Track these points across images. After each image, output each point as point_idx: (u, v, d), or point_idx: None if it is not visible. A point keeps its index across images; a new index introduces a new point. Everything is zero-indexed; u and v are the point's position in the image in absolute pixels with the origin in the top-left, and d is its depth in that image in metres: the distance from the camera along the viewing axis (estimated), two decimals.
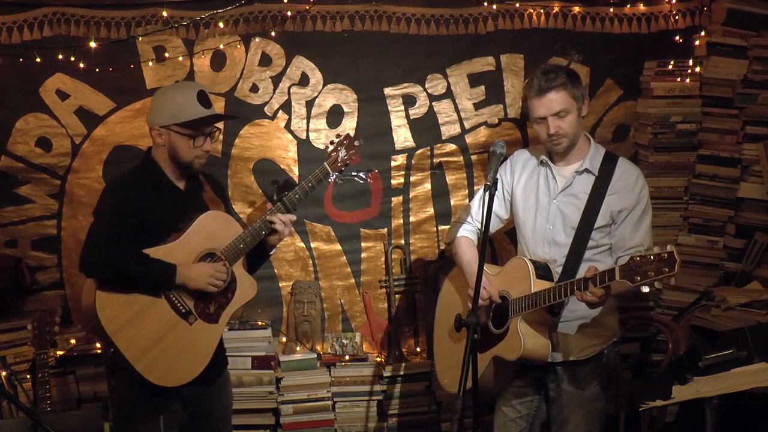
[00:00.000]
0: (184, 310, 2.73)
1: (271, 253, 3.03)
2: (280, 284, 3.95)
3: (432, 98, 3.91)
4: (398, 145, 3.93)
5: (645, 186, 2.86)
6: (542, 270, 2.83)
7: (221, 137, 2.87)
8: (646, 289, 2.42)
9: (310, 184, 2.94)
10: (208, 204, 2.93)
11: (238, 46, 3.73)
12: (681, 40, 3.91)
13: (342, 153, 3.05)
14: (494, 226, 3.09)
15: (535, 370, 2.96)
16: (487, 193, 2.56)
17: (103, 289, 2.62)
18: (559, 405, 2.95)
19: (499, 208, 3.06)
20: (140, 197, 2.71)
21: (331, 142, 3.07)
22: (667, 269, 2.36)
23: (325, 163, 3.01)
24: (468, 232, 3.10)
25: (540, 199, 2.93)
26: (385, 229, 3.99)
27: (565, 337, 2.89)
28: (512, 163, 3.06)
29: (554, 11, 3.85)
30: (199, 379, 2.77)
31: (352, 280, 4.00)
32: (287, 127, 3.84)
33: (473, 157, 3.97)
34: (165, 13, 3.61)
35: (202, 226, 2.78)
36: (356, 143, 3.09)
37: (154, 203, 2.73)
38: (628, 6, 3.89)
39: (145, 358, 2.64)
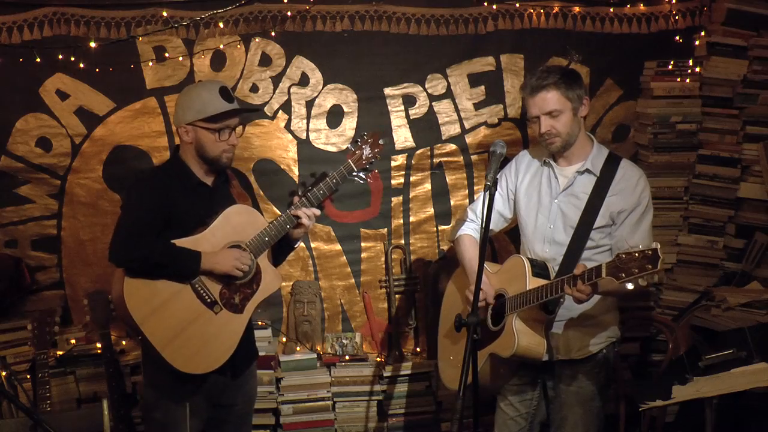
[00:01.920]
0: (209, 300, 2.79)
1: (296, 246, 3.09)
2: None
3: (432, 98, 3.91)
4: (398, 145, 3.93)
5: (647, 187, 2.85)
6: (539, 268, 2.84)
7: (242, 132, 2.96)
8: (630, 286, 2.43)
9: (334, 180, 2.99)
10: (236, 199, 2.98)
11: (238, 46, 3.73)
12: (681, 40, 3.91)
13: (366, 151, 3.08)
14: (498, 225, 3.11)
15: (535, 369, 2.96)
16: (488, 193, 2.56)
17: (131, 278, 2.71)
18: (558, 404, 2.96)
19: (503, 207, 3.08)
20: (166, 192, 2.80)
21: (356, 141, 3.11)
22: (650, 266, 2.37)
23: (350, 160, 3.04)
24: (471, 231, 3.11)
25: (542, 198, 2.94)
26: (385, 229, 3.99)
27: (563, 336, 2.90)
28: (517, 163, 3.07)
29: (554, 11, 3.85)
30: (226, 370, 2.85)
31: (352, 280, 4.00)
32: (287, 127, 3.84)
33: (473, 157, 3.98)
34: (165, 13, 3.61)
35: (227, 219, 2.85)
36: (380, 141, 3.12)
37: (181, 198, 2.81)
38: (628, 6, 3.89)
39: (171, 345, 2.73)
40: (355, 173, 3.06)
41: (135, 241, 2.71)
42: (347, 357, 3.91)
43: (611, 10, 3.88)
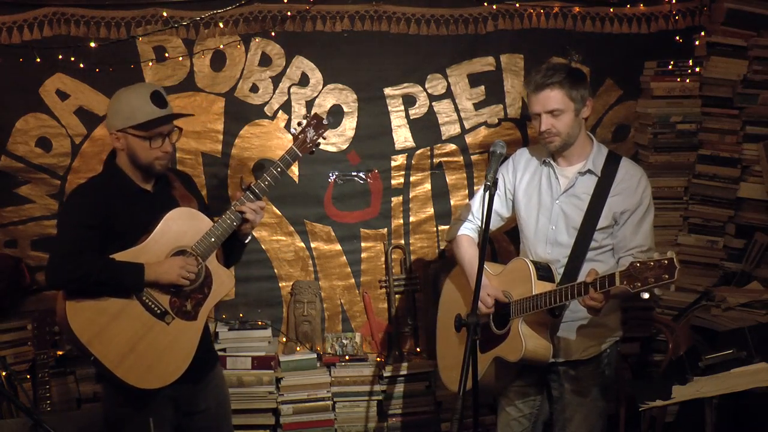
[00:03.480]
0: (159, 311, 2.69)
1: (246, 242, 2.95)
2: (280, 284, 3.95)
3: (432, 98, 3.91)
4: (398, 145, 3.93)
5: (648, 187, 2.85)
6: (543, 271, 2.82)
7: (177, 137, 2.82)
8: (646, 296, 2.41)
9: (278, 169, 2.86)
10: (180, 201, 2.86)
11: (238, 46, 3.73)
12: (681, 40, 3.91)
13: (311, 133, 2.94)
14: (495, 224, 3.09)
15: (538, 370, 2.96)
16: (487, 193, 2.56)
17: (72, 300, 2.60)
18: (561, 404, 2.95)
19: (501, 207, 3.06)
20: (103, 204, 2.67)
21: (299, 124, 2.97)
22: (666, 276, 2.35)
23: (293, 146, 2.91)
24: (469, 231, 3.10)
25: (542, 199, 2.93)
26: (385, 229, 3.99)
27: (567, 338, 2.89)
28: (514, 161, 3.05)
29: (554, 11, 3.85)
30: (188, 378, 2.75)
31: (352, 280, 4.00)
32: (287, 127, 3.84)
33: (473, 157, 3.97)
34: (165, 13, 3.61)
35: (169, 225, 2.72)
36: (324, 122, 2.98)
37: (120, 208, 2.69)
38: (628, 6, 3.89)
39: (124, 364, 2.62)
40: (300, 157, 2.92)
41: (72, 261, 2.57)
42: (347, 357, 3.91)
43: (611, 10, 3.88)
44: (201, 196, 2.99)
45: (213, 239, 2.77)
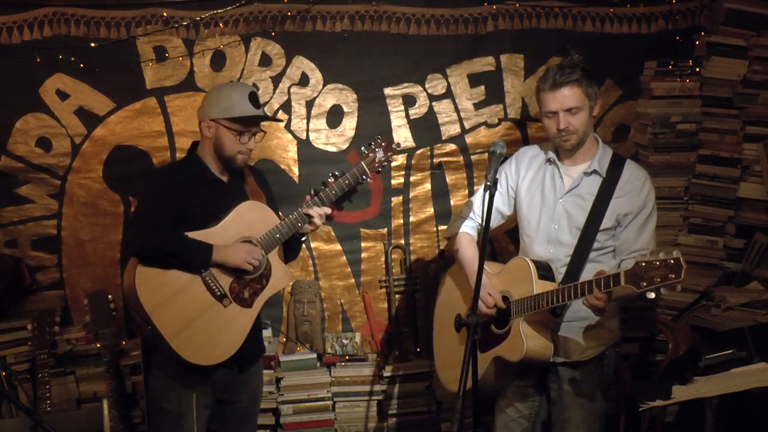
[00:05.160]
0: (219, 293, 2.84)
1: (303, 240, 3.13)
2: None
3: (432, 98, 3.91)
4: None
5: (652, 190, 2.85)
6: (544, 270, 2.82)
7: (261, 138, 3.02)
8: (651, 295, 2.41)
9: (347, 182, 3.03)
10: (250, 196, 3.02)
11: (238, 46, 3.73)
12: (681, 40, 3.91)
13: (380, 154, 3.12)
14: (496, 222, 3.09)
15: (537, 371, 2.96)
16: (488, 193, 2.56)
17: (143, 268, 2.76)
18: (560, 405, 2.95)
19: (503, 205, 3.05)
20: (182, 186, 2.86)
21: (370, 144, 3.13)
22: (673, 276, 2.35)
23: (362, 162, 3.08)
24: (469, 228, 3.10)
25: (546, 197, 2.92)
26: (385, 229, 3.99)
27: (566, 339, 2.89)
28: (518, 159, 3.04)
29: (554, 11, 3.85)
30: (233, 364, 2.89)
31: (352, 280, 4.00)
32: (287, 127, 3.84)
33: (473, 157, 3.97)
34: (165, 13, 3.62)
35: (240, 215, 2.90)
36: (394, 146, 3.16)
37: (196, 193, 2.88)
38: (628, 6, 3.89)
39: (180, 336, 2.76)
40: (366, 176, 3.08)
41: (150, 231, 2.77)
42: (347, 357, 3.91)
43: (611, 10, 3.88)
44: (271, 192, 3.17)
45: (278, 235, 2.94)
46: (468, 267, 3.01)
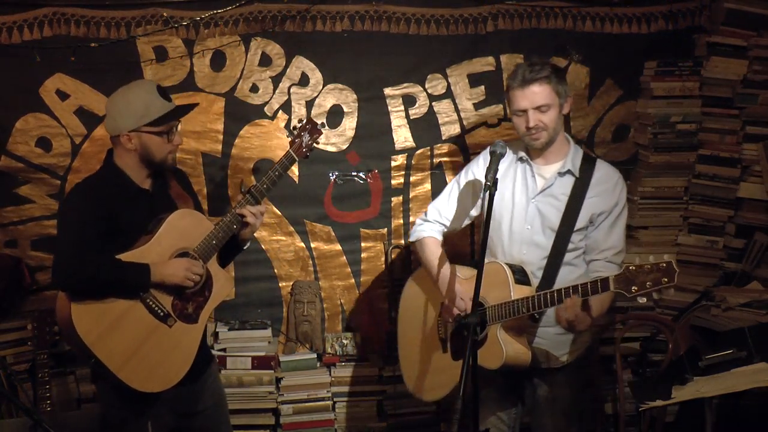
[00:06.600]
0: (162, 313, 2.69)
1: (245, 247, 2.96)
2: (280, 284, 3.95)
3: (432, 98, 3.91)
4: (398, 145, 3.93)
5: (624, 188, 2.83)
6: (519, 274, 2.77)
7: (179, 128, 2.84)
8: (643, 300, 2.39)
9: (276, 173, 2.89)
10: (176, 200, 2.90)
11: (238, 46, 3.73)
12: (681, 40, 3.91)
13: (306, 138, 3.00)
14: (462, 223, 3.04)
15: (513, 378, 2.92)
16: (488, 193, 2.55)
17: (77, 301, 2.57)
18: (538, 411, 2.93)
19: (470, 205, 2.99)
20: (105, 203, 2.65)
21: (294, 128, 3.01)
22: (666, 279, 2.34)
23: (290, 150, 2.97)
24: (435, 233, 3.03)
25: (516, 197, 2.87)
26: (385, 229, 3.99)
27: (542, 344, 2.87)
28: (485, 157, 2.96)
29: (554, 11, 3.85)
30: (185, 379, 2.74)
31: (352, 280, 4.00)
32: (287, 127, 3.84)
33: (473, 157, 3.96)
34: (165, 13, 3.62)
35: (172, 226, 2.72)
36: (318, 126, 3.03)
37: (121, 208, 2.68)
38: (628, 6, 3.89)
39: (127, 366, 2.61)
40: (296, 161, 2.98)
41: (80, 262, 2.54)
42: (347, 357, 3.91)
43: (611, 10, 3.88)
44: (195, 193, 3.01)
45: (214, 241, 2.79)
46: (434, 270, 2.93)
